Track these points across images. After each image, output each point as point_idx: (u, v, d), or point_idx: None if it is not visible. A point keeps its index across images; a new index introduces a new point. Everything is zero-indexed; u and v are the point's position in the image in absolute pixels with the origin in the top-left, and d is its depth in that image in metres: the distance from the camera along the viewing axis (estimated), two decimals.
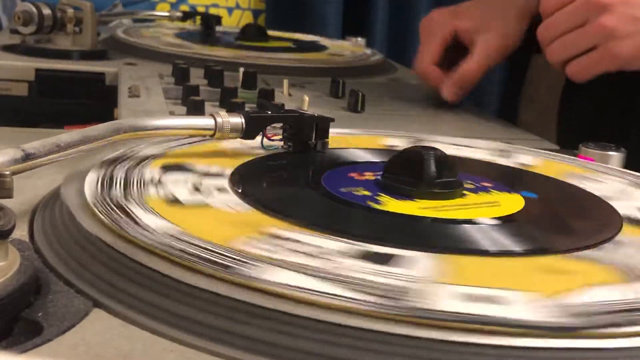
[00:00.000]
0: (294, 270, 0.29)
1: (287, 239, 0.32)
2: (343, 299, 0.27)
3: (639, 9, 0.63)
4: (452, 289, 0.29)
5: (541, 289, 0.30)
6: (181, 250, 0.30)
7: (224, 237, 0.32)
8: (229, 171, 0.41)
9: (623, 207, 0.42)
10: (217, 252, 0.30)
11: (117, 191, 0.36)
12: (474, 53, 0.75)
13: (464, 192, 0.41)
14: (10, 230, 0.28)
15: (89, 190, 0.36)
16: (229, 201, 0.37)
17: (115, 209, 0.34)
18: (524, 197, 0.42)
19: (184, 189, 0.38)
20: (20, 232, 0.35)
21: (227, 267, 0.29)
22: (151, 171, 0.40)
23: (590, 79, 0.67)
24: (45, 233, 0.35)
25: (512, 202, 0.41)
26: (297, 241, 0.32)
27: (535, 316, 0.27)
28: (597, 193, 0.44)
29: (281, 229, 0.34)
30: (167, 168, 0.41)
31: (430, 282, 0.29)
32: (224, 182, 0.40)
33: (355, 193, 0.40)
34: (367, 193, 0.40)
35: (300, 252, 0.31)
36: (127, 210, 0.34)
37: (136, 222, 0.32)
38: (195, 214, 0.35)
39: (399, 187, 0.40)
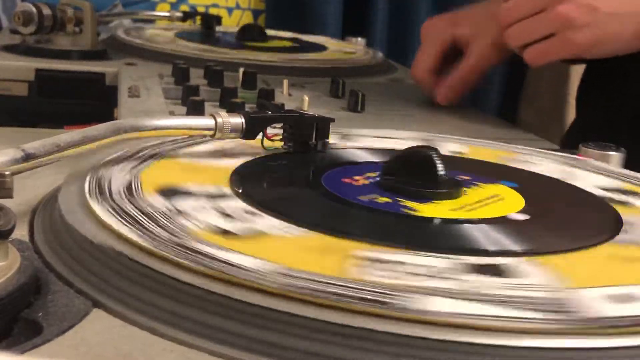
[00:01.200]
0: (458, 298, 0.28)
1: (388, 261, 0.31)
2: (518, 320, 0.27)
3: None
4: (592, 292, 0.29)
5: None
6: (310, 289, 0.28)
7: (325, 267, 0.30)
8: (226, 188, 0.39)
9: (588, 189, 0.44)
10: (350, 287, 0.28)
11: (122, 195, 0.36)
12: (468, 58, 0.76)
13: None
14: (11, 230, 0.28)
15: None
16: (275, 225, 0.34)
17: (124, 215, 0.34)
18: (509, 187, 0.43)
19: (214, 216, 0.35)
20: (21, 232, 0.35)
21: (384, 303, 0.27)
22: (152, 198, 0.38)
23: (545, 64, 0.68)
24: (45, 233, 0.35)
25: (508, 194, 0.42)
26: (400, 262, 0.31)
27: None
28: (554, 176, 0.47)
29: (366, 251, 0.32)
30: (170, 192, 0.38)
31: (564, 288, 0.30)
32: (242, 203, 0.37)
33: (378, 201, 0.39)
34: (388, 200, 0.39)
35: (420, 274, 0.30)
36: (181, 243, 0.31)
37: (219, 260, 0.29)
38: (261, 245, 0.32)
39: (411, 190, 0.40)
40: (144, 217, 0.33)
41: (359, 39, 1.18)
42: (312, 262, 0.30)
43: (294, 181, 0.44)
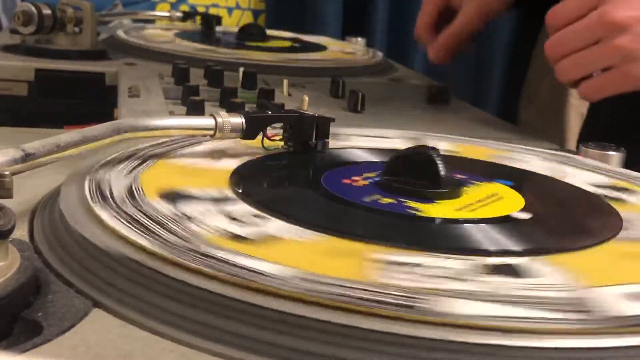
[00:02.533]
0: (481, 300, 0.28)
1: (407, 263, 0.31)
2: (541, 320, 0.27)
3: None
4: (610, 290, 0.29)
5: None
6: (338, 294, 0.27)
7: (345, 271, 0.30)
8: (228, 191, 0.39)
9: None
10: (374, 291, 0.28)
11: (123, 196, 0.36)
12: (455, 21, 0.79)
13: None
14: (10, 230, 0.28)
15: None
16: (285, 229, 0.34)
17: (130, 218, 0.34)
18: (505, 185, 0.43)
19: (222, 220, 0.35)
20: (20, 232, 0.35)
21: (410, 307, 0.27)
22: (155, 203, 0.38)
23: (604, 97, 0.65)
24: (45, 233, 0.35)
25: (506, 192, 0.42)
26: (418, 264, 0.31)
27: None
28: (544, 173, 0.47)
29: (382, 253, 0.32)
30: (173, 195, 0.38)
31: (581, 288, 0.30)
32: (248, 206, 0.37)
33: (381, 202, 0.39)
34: (391, 201, 0.39)
35: (441, 276, 0.30)
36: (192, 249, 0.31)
37: (236, 265, 0.29)
38: (275, 249, 0.32)
39: (413, 190, 0.40)
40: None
41: (359, 39, 1.18)
42: (330, 266, 0.30)
43: (294, 181, 0.44)
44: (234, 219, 0.35)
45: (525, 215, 0.39)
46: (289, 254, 0.31)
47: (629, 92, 0.63)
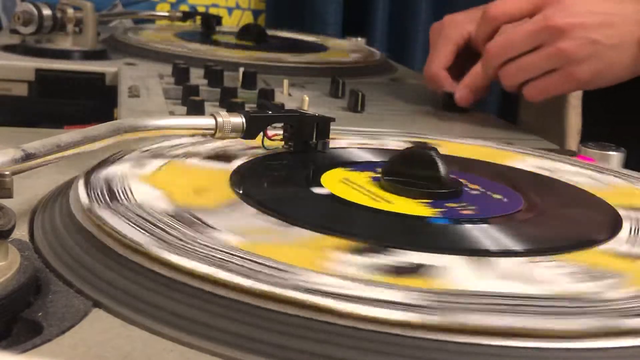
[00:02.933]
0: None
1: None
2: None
3: (595, 32, 0.64)
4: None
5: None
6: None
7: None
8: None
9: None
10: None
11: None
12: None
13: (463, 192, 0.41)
14: (10, 230, 0.28)
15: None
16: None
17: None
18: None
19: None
20: (20, 232, 0.35)
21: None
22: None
23: (546, 98, 0.69)
24: (45, 233, 0.35)
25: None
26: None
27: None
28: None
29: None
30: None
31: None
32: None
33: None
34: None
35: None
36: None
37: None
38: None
39: (397, 187, 0.40)
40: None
41: (359, 38, 1.18)
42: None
43: (295, 181, 0.44)
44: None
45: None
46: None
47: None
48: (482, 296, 0.28)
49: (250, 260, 0.30)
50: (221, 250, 0.30)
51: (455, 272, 0.31)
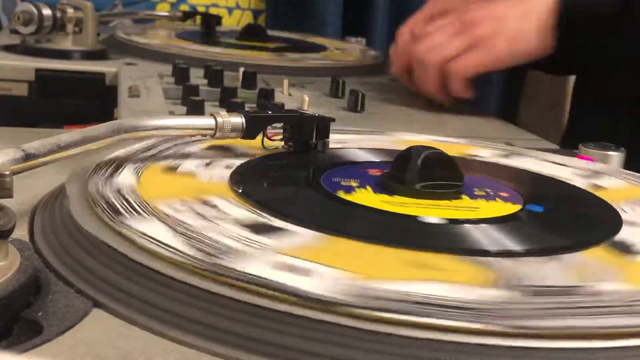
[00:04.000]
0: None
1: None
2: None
3: (499, 11, 0.72)
4: (278, 258, 0.30)
5: (374, 273, 0.29)
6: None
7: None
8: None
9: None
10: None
11: (120, 195, 0.36)
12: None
13: (463, 196, 0.41)
14: (11, 230, 0.28)
15: (89, 192, 0.36)
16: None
17: (120, 210, 0.34)
18: (530, 210, 0.40)
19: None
20: (21, 232, 0.35)
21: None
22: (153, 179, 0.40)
23: (466, 92, 0.74)
24: (45, 233, 0.35)
25: (496, 210, 0.40)
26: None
27: (314, 289, 0.27)
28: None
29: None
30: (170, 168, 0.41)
31: (272, 251, 0.30)
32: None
33: (344, 184, 0.40)
34: (353, 184, 0.40)
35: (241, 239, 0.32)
36: (134, 213, 0.34)
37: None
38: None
39: (384, 182, 0.41)
40: (145, 219, 0.33)
41: (359, 38, 1.18)
42: None
43: (294, 181, 0.44)
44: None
45: (439, 220, 0.37)
46: None
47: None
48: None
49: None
50: (221, 249, 0.30)
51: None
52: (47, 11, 0.86)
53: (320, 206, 0.39)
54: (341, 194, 0.39)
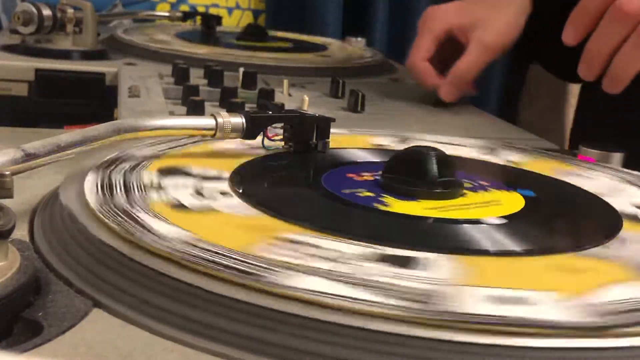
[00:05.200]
0: (319, 276, 0.29)
1: (303, 243, 0.32)
2: (370, 303, 0.27)
3: None
4: (475, 291, 0.29)
5: (560, 288, 0.30)
6: (201, 258, 0.29)
7: (239, 242, 0.31)
8: (227, 174, 0.41)
9: (619, 204, 0.42)
10: (237, 259, 0.29)
11: (119, 194, 0.36)
12: (469, 50, 0.75)
13: (464, 191, 0.41)
14: (11, 230, 0.28)
15: (89, 192, 0.36)
16: (232, 205, 0.36)
17: (117, 211, 0.34)
18: (522, 195, 0.42)
19: (187, 193, 0.37)
20: (21, 232, 0.35)
21: (250, 274, 0.28)
22: (150, 174, 0.40)
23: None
24: (45, 233, 0.35)
25: (512, 201, 0.41)
26: (316, 246, 0.32)
27: (562, 316, 0.27)
28: (590, 190, 0.45)
29: (294, 234, 0.33)
30: (165, 171, 0.41)
31: (452, 284, 0.29)
32: (225, 185, 0.39)
33: (359, 195, 0.39)
34: (370, 194, 0.40)
35: (320, 257, 0.31)
36: (132, 214, 0.33)
37: (145, 227, 0.32)
38: (203, 220, 0.34)
39: (400, 188, 0.40)
40: (146, 219, 0.33)
41: (359, 38, 1.18)
42: (230, 237, 0.32)
43: (295, 181, 0.44)
44: (200, 193, 0.37)
45: (499, 221, 0.38)
46: (207, 224, 0.33)
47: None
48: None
49: (250, 259, 0.30)
50: (220, 253, 0.30)
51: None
52: (47, 11, 0.85)
53: (380, 222, 0.38)
54: (380, 207, 0.38)
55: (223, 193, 0.38)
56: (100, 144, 0.39)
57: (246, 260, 0.29)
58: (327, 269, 0.29)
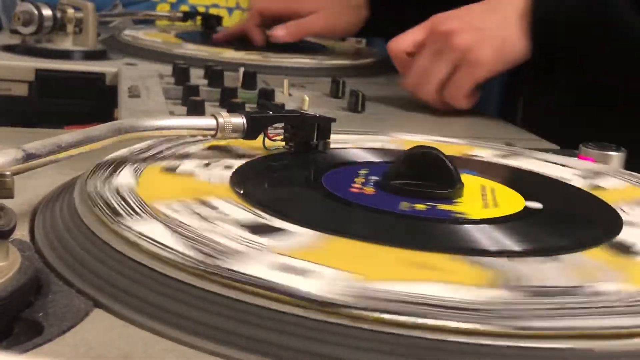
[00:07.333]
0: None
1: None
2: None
3: (477, 21, 0.72)
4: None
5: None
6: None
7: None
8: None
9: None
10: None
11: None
12: (454, 80, 0.76)
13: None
14: (11, 231, 0.28)
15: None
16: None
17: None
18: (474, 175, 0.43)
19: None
20: (21, 232, 0.35)
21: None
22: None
23: (471, 101, 0.74)
24: (46, 233, 0.35)
25: (492, 184, 0.43)
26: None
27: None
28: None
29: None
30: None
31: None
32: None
33: (417, 208, 0.38)
34: (424, 207, 0.39)
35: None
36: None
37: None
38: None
39: (424, 192, 0.40)
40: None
41: (359, 39, 1.18)
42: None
43: (295, 181, 0.44)
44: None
45: (539, 205, 0.40)
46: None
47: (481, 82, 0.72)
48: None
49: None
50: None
51: None
52: (47, 11, 0.86)
53: (325, 206, 0.39)
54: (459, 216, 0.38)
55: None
56: (100, 144, 0.39)
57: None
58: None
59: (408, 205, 0.38)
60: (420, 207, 0.38)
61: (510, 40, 0.71)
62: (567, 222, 0.40)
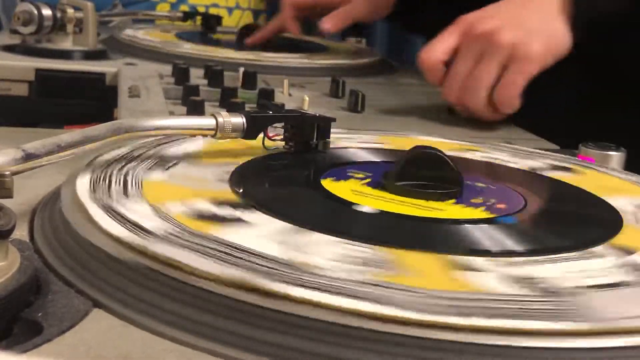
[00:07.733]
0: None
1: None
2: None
3: (518, 16, 0.68)
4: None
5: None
6: None
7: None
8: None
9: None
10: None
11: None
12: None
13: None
14: (11, 230, 0.28)
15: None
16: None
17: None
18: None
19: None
20: (21, 232, 0.35)
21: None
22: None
23: (521, 101, 0.69)
24: (45, 233, 0.35)
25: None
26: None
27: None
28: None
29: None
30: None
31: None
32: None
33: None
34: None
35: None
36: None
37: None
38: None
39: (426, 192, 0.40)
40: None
41: (359, 39, 1.18)
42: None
43: (295, 181, 0.44)
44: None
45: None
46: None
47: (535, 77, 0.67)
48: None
49: (250, 258, 0.30)
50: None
51: None
52: (47, 11, 0.86)
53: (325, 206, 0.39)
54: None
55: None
56: (100, 144, 0.39)
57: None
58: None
59: None
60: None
61: (556, 34, 0.68)
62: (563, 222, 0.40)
